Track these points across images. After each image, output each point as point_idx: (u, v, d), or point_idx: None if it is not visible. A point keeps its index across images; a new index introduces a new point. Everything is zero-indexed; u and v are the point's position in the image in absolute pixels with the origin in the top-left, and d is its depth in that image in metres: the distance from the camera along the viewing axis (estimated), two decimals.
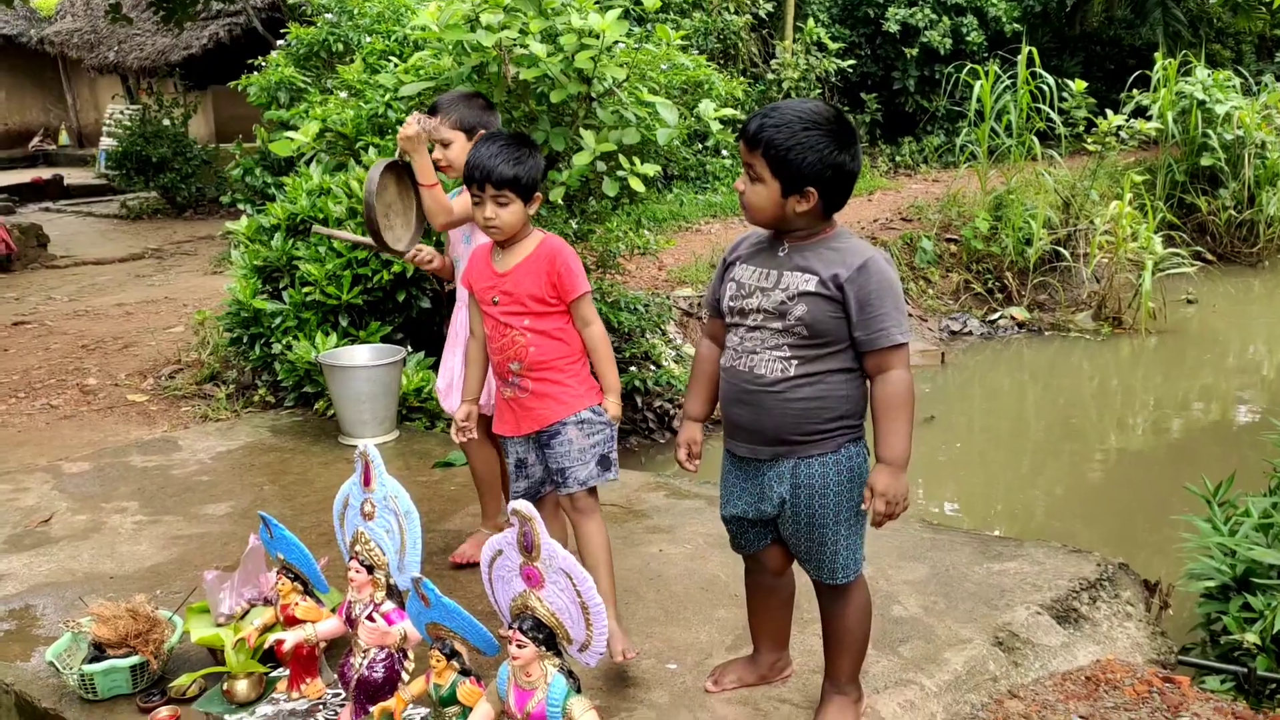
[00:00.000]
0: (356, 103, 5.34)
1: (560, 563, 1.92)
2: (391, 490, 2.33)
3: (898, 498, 2.18)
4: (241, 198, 7.34)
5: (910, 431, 2.20)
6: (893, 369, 2.19)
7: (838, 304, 2.19)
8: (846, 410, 2.25)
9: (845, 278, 2.18)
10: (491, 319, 2.76)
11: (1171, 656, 3.09)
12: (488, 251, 2.80)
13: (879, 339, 2.18)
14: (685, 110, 5.44)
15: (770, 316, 2.24)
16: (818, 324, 2.20)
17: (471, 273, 2.82)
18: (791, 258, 2.25)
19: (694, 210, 10.50)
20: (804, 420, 2.23)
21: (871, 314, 2.17)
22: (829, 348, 2.21)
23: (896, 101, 13.45)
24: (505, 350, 2.74)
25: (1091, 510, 5.26)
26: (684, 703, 2.53)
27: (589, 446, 2.74)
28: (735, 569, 3.13)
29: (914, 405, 2.22)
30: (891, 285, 2.19)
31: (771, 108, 2.22)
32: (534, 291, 2.70)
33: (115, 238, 11.16)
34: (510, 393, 2.78)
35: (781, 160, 2.17)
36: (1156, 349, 8.29)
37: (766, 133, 2.18)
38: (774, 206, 2.22)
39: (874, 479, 2.19)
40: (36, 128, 19.36)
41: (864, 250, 2.22)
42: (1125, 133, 9.48)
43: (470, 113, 3.16)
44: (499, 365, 2.78)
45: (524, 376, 2.73)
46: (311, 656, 2.50)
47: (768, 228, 2.29)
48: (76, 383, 5.79)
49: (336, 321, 4.97)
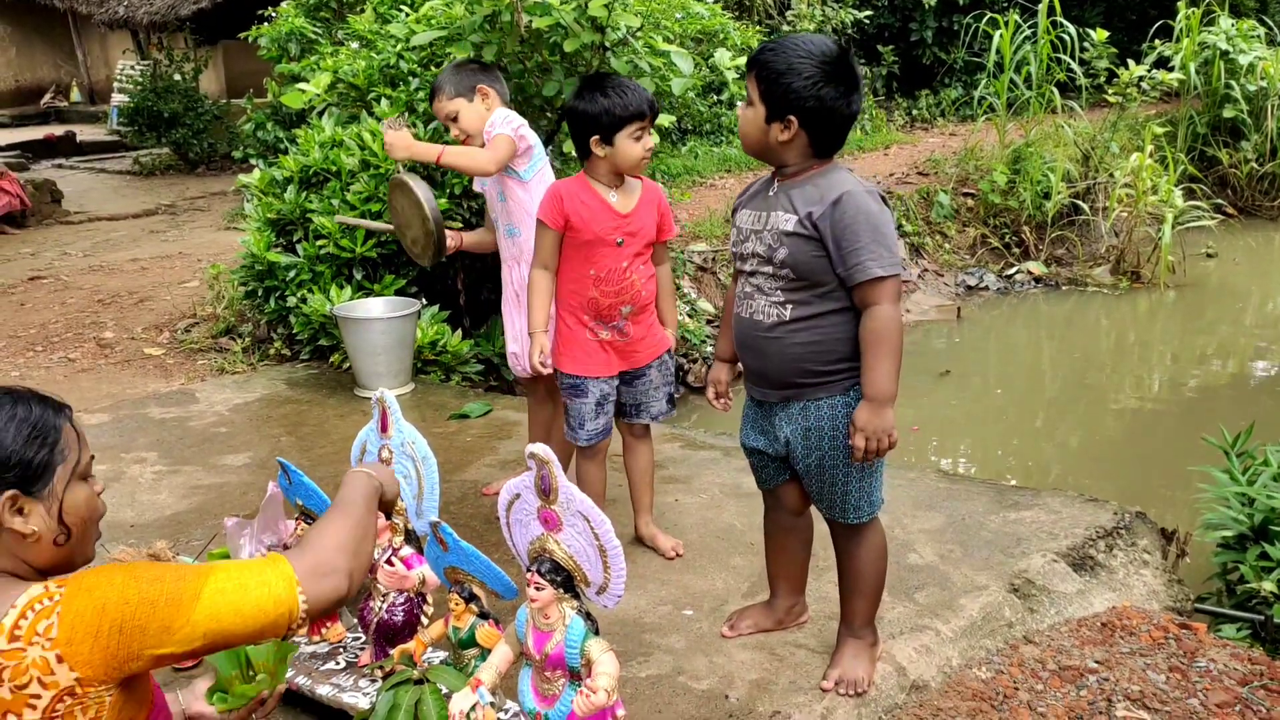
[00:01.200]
0: (368, 53, 5.29)
1: (578, 506, 1.92)
2: (409, 436, 2.34)
3: (879, 433, 2.15)
4: (253, 152, 7.31)
5: (896, 368, 2.16)
6: (876, 303, 2.14)
7: (817, 242, 2.16)
8: (847, 351, 2.22)
9: (819, 214, 2.15)
10: (610, 262, 2.79)
11: (1188, 604, 3.10)
12: (589, 191, 2.81)
13: (855, 273, 2.14)
14: (700, 60, 5.38)
15: (762, 261, 2.25)
16: (800, 265, 2.18)
17: (583, 213, 2.79)
18: (779, 197, 2.24)
19: (708, 165, 10.41)
20: (804, 363, 2.23)
21: (848, 248, 2.13)
22: (818, 288, 2.20)
23: (914, 54, 13.26)
24: (623, 293, 2.80)
25: (1108, 463, 5.24)
26: (700, 648, 2.54)
27: (663, 384, 2.99)
28: (751, 518, 3.14)
29: (900, 342, 2.16)
30: (869, 217, 2.13)
31: (783, 39, 2.21)
32: (651, 232, 2.83)
33: (128, 194, 11.15)
34: (608, 334, 2.85)
35: (769, 83, 2.18)
36: (1175, 303, 8.21)
37: (764, 55, 2.20)
38: (757, 132, 2.22)
39: (856, 414, 2.18)
40: (48, 84, 19.30)
41: (843, 184, 2.17)
42: (1147, 84, 9.32)
43: (462, 78, 3.19)
44: (608, 308, 2.82)
45: (629, 320, 2.83)
46: None
47: (754, 157, 2.31)
48: (93, 336, 5.82)
49: (351, 274, 4.96)
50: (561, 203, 2.81)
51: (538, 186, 3.14)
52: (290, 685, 2.34)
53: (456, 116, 3.15)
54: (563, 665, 1.96)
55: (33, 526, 1.48)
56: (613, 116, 2.74)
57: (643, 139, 2.77)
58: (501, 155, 3.09)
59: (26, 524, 1.47)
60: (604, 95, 2.75)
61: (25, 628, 1.39)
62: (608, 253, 2.79)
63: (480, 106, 3.16)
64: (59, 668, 1.38)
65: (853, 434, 2.18)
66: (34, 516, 1.48)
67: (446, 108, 3.17)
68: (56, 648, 1.38)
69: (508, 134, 3.10)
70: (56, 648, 1.38)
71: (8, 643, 1.38)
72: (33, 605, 1.40)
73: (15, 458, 1.46)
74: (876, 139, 11.40)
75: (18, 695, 1.38)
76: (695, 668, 2.46)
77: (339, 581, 1.58)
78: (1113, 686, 2.45)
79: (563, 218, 2.81)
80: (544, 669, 1.99)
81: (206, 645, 1.49)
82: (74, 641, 1.39)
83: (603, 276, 2.79)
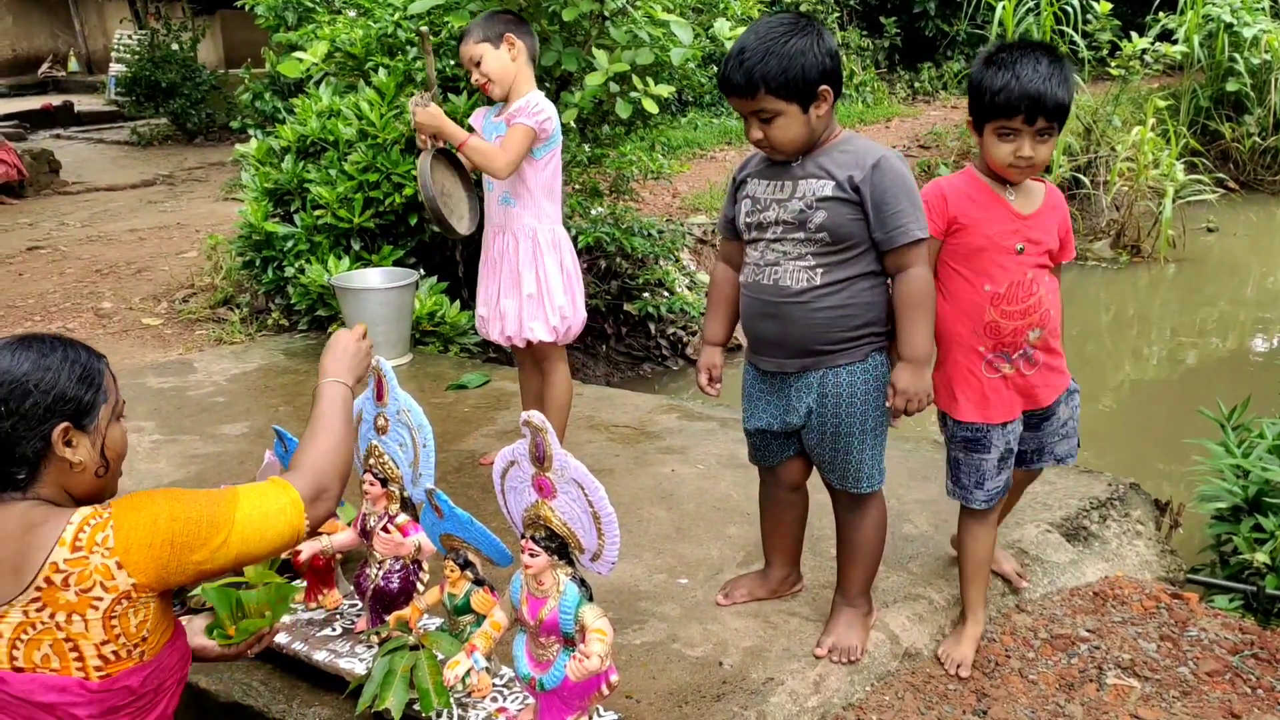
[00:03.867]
0: (365, 22, 5.25)
1: (572, 473, 1.93)
2: (405, 404, 2.34)
3: (919, 394, 2.21)
4: (251, 123, 7.28)
5: (931, 329, 2.23)
6: (912, 266, 2.20)
7: (856, 206, 2.18)
8: (872, 317, 2.25)
9: (860, 178, 2.17)
10: (1009, 273, 2.28)
11: (1181, 575, 3.11)
12: (983, 187, 2.32)
13: (897, 235, 2.17)
14: (700, 30, 5.34)
15: (790, 227, 2.23)
16: (838, 228, 2.19)
17: (973, 213, 2.30)
18: (805, 165, 2.24)
19: (709, 136, 10.37)
20: (831, 329, 2.23)
21: (889, 211, 2.16)
22: (851, 252, 2.21)
23: (916, 25, 13.17)
24: (1029, 313, 2.29)
25: (1104, 436, 5.25)
26: (695, 615, 2.56)
27: (1071, 419, 2.51)
28: (747, 489, 3.15)
29: (934, 303, 2.23)
30: (906, 181, 2.18)
31: (738, 50, 2.17)
32: (1052, 243, 2.35)
33: (126, 164, 11.12)
34: (1010, 368, 2.34)
35: (788, 83, 2.15)
36: (1175, 277, 8.20)
37: (757, 71, 2.14)
38: (802, 127, 2.20)
39: (896, 376, 2.23)
40: (45, 54, 19.17)
41: (875, 149, 2.22)
42: (1150, 57, 9.26)
43: (492, 24, 3.15)
44: (1013, 333, 2.29)
45: (1037, 347, 2.34)
46: (328, 568, 2.54)
47: (800, 154, 2.24)
48: (91, 307, 5.82)
49: (349, 245, 4.96)
50: (945, 203, 2.31)
51: (545, 166, 3.17)
52: (286, 651, 2.36)
53: (480, 61, 3.12)
54: (557, 631, 1.97)
55: (80, 457, 1.65)
56: (981, 100, 2.24)
57: (1017, 143, 2.23)
58: (516, 157, 3.07)
59: (75, 454, 1.64)
60: (991, 66, 2.22)
61: (85, 539, 1.56)
62: (1005, 261, 2.28)
63: (505, 55, 3.13)
64: (119, 573, 1.57)
65: (892, 396, 2.23)
66: (81, 448, 1.65)
67: (472, 51, 3.12)
68: (115, 555, 1.56)
69: (531, 126, 3.07)
70: (115, 555, 1.56)
71: (71, 552, 1.55)
72: (88, 521, 1.58)
73: (69, 394, 1.63)
74: (878, 111, 11.35)
75: (83, 598, 1.55)
76: (690, 635, 2.48)
77: (331, 505, 1.85)
78: (1104, 655, 2.47)
79: (946, 221, 2.31)
80: (538, 635, 2.01)
81: (236, 563, 1.70)
82: (130, 550, 1.57)
83: (1005, 294, 2.28)
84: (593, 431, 3.81)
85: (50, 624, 1.55)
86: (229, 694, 2.37)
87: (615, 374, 6.26)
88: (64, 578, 1.54)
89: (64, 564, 1.54)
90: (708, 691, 2.27)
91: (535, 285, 3.21)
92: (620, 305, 6.36)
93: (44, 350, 1.65)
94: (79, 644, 1.56)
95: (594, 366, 6.19)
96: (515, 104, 3.15)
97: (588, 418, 3.93)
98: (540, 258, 3.22)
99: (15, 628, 1.55)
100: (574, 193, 6.05)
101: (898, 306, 2.22)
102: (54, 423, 1.61)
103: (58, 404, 1.62)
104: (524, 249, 3.21)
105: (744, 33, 2.22)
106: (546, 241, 3.22)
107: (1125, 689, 2.36)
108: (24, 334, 1.69)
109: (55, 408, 1.61)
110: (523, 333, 3.25)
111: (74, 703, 1.57)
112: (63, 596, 1.54)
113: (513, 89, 3.17)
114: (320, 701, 2.29)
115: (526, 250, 3.21)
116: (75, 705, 1.57)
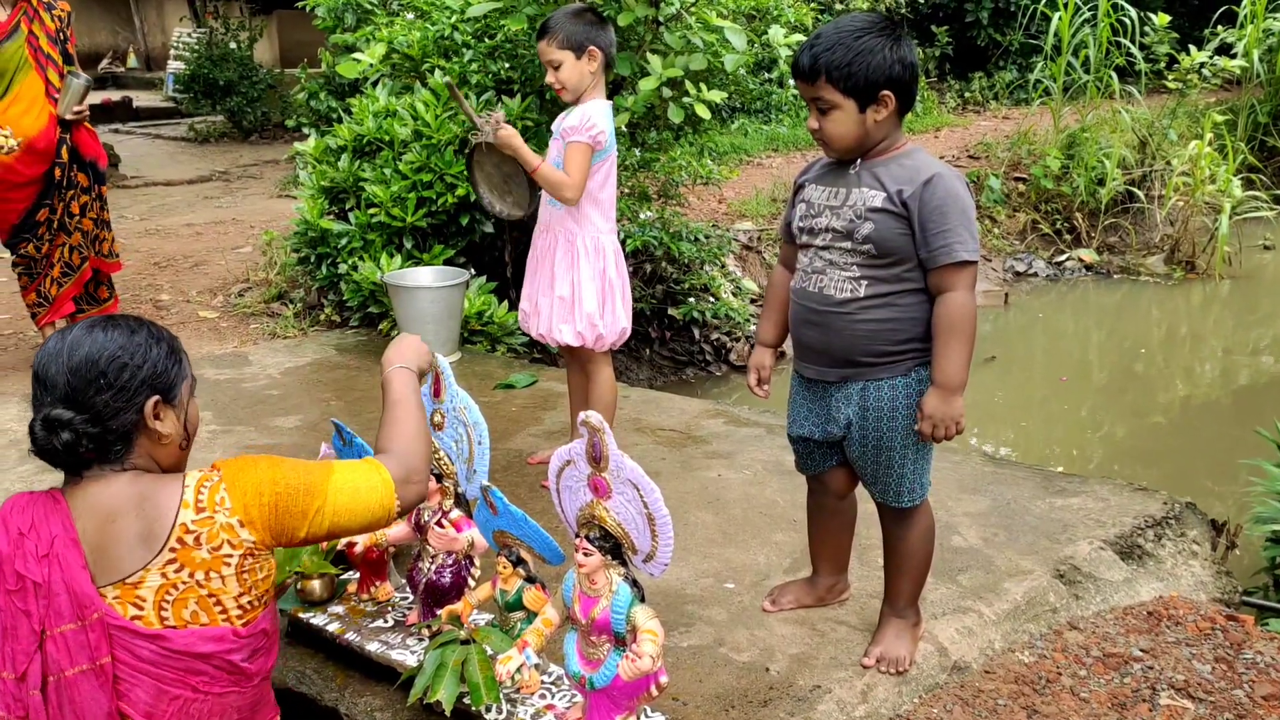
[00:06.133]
0: (423, 24, 5.31)
1: (628, 474, 1.94)
2: (461, 401, 2.37)
3: (946, 421, 2.17)
4: (306, 121, 7.39)
5: (968, 357, 2.16)
6: (954, 289, 2.15)
7: (904, 220, 2.15)
8: (916, 333, 2.22)
9: (910, 193, 2.14)
10: None
11: (1236, 597, 3.06)
12: None
13: (941, 254, 2.13)
14: (754, 36, 5.34)
15: (839, 236, 2.22)
16: (885, 241, 2.16)
17: None
18: (861, 175, 2.22)
19: (756, 143, 10.36)
20: (873, 341, 2.21)
21: (935, 229, 2.13)
22: (898, 267, 2.18)
23: (968, 35, 13.05)
24: None
25: (1156, 454, 5.18)
26: (742, 620, 2.56)
27: None
28: (794, 495, 3.15)
29: (974, 331, 2.17)
30: (958, 200, 2.14)
31: (814, 37, 2.17)
32: None
33: (183, 160, 11.32)
34: None
35: (849, 76, 2.13)
36: (1230, 295, 8.06)
37: (822, 58, 2.13)
38: (855, 126, 2.17)
39: (925, 400, 2.19)
40: (105, 50, 19.58)
41: (933, 166, 2.18)
42: (1208, 70, 9.12)
43: (577, 29, 3.13)
44: None
45: None
46: (381, 560, 2.57)
47: (851, 154, 2.23)
48: (150, 299, 5.93)
49: (401, 243, 5.02)
50: None
51: (594, 174, 3.18)
52: (340, 641, 2.40)
53: (560, 66, 3.13)
54: (608, 630, 1.99)
55: (168, 429, 1.71)
56: None
57: None
58: (582, 179, 3.11)
59: (163, 426, 1.70)
60: None
61: (205, 500, 1.64)
62: None
63: (586, 66, 3.14)
64: (242, 531, 1.65)
65: (920, 420, 2.19)
66: (168, 421, 1.72)
67: (554, 55, 3.12)
68: (236, 515, 1.65)
69: (586, 143, 3.10)
70: (236, 515, 1.65)
71: (196, 513, 1.62)
72: (203, 484, 1.65)
73: (160, 369, 1.71)
74: (927, 121, 11.26)
75: (215, 556, 1.63)
76: (736, 640, 2.48)
77: (420, 489, 1.91)
78: (1157, 675, 2.44)
79: None
80: (589, 634, 2.02)
81: (331, 534, 1.78)
82: (248, 509, 1.66)
83: None
84: (639, 434, 3.82)
85: (191, 582, 1.62)
86: (282, 680, 2.41)
87: (658, 378, 6.28)
88: (194, 537, 1.62)
89: (192, 524, 1.62)
90: (754, 697, 2.27)
91: (568, 289, 3.24)
92: (665, 309, 6.38)
93: (131, 327, 1.72)
94: (220, 598, 1.65)
95: (637, 370, 6.21)
96: (573, 114, 3.17)
97: (634, 420, 3.95)
98: (576, 262, 3.24)
99: (157, 591, 1.61)
100: (623, 196, 6.07)
101: (934, 329, 2.18)
102: (146, 395, 1.68)
103: (149, 378, 1.68)
104: (562, 251, 3.24)
105: (835, 19, 2.22)
106: (585, 248, 3.23)
107: (1179, 710, 2.32)
108: (102, 315, 1.74)
109: (148, 381, 1.68)
110: (551, 333, 3.29)
111: (230, 649, 1.67)
112: (197, 555, 1.62)
113: (583, 95, 3.19)
114: (371, 692, 2.33)
115: (565, 253, 3.24)
116: (231, 651, 1.68)
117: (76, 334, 1.68)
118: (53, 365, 1.65)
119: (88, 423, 1.63)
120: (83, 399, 1.63)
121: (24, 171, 4.38)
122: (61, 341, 1.68)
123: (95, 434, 1.64)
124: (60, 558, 1.60)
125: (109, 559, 1.61)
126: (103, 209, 4.73)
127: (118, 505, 1.63)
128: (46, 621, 1.59)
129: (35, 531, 1.62)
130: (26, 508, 1.66)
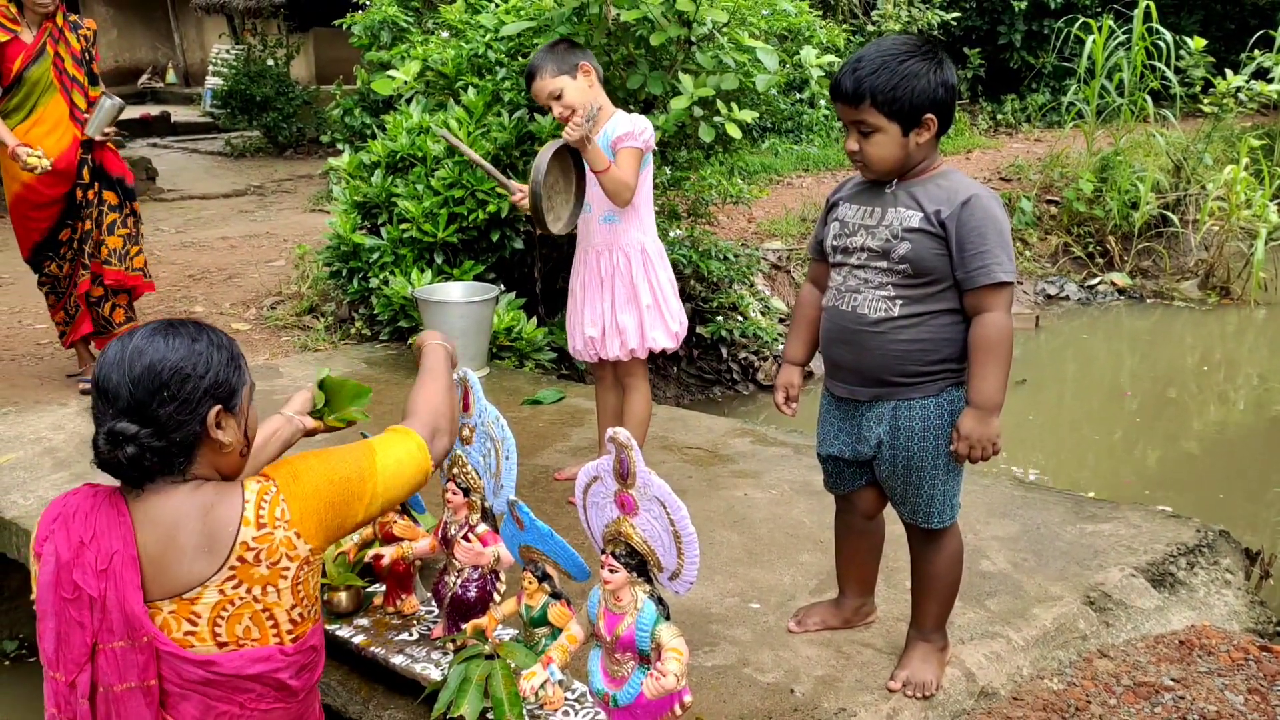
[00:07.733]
0: (457, 43, 5.37)
1: (655, 491, 1.94)
2: (490, 416, 2.38)
3: (983, 442, 2.16)
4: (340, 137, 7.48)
5: (1004, 378, 2.16)
6: (991, 310, 2.14)
7: (941, 240, 2.15)
8: (950, 353, 2.21)
9: (947, 214, 2.14)
10: None
11: (1270, 627, 3.01)
12: None
13: (978, 275, 2.13)
14: (785, 57, 5.36)
15: (874, 255, 2.22)
16: (921, 261, 2.16)
17: None
18: (898, 195, 2.22)
19: (787, 163, 10.36)
20: (906, 361, 2.21)
21: (972, 250, 2.13)
22: (933, 287, 2.18)
23: (1001, 57, 13.01)
24: None
25: (1189, 481, 5.10)
26: (766, 641, 2.55)
27: None
28: (821, 516, 3.13)
29: (1010, 352, 2.17)
30: (996, 222, 2.13)
31: (855, 59, 2.18)
32: None
33: (219, 174, 11.49)
34: None
35: (894, 100, 2.13)
36: (1265, 321, 7.95)
37: (866, 82, 2.14)
38: (898, 149, 2.18)
39: (961, 421, 2.18)
40: (145, 65, 19.92)
41: (970, 187, 2.18)
42: (1244, 94, 9.01)
43: (561, 57, 3.21)
44: None
45: None
46: (407, 573, 2.59)
47: (890, 176, 2.23)
48: (184, 310, 6.02)
49: (432, 259, 5.06)
50: None
51: (645, 180, 3.23)
52: (365, 653, 2.41)
53: (560, 94, 3.17)
54: (633, 648, 1.99)
55: (229, 438, 1.69)
56: None
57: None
58: (636, 183, 3.16)
59: (225, 435, 1.68)
60: None
61: (266, 515, 1.63)
62: None
63: (584, 83, 3.19)
64: (299, 543, 1.66)
65: (956, 440, 2.18)
66: (229, 430, 1.69)
67: (549, 86, 3.17)
68: (294, 527, 1.65)
69: (639, 148, 3.14)
70: (294, 527, 1.65)
71: (257, 529, 1.62)
72: (262, 496, 1.65)
73: (222, 377, 1.68)
74: (958, 142, 11.23)
75: (274, 570, 1.64)
76: (761, 660, 2.47)
77: (447, 441, 2.00)
78: (1189, 705, 2.40)
79: None
80: (614, 651, 2.02)
81: (382, 510, 1.83)
82: (304, 519, 1.67)
83: None
84: (666, 452, 3.82)
85: (248, 599, 1.62)
86: None
87: (685, 396, 6.27)
88: (255, 554, 1.61)
89: (253, 541, 1.61)
90: (779, 718, 2.25)
91: (651, 296, 3.30)
92: (693, 328, 6.38)
93: (192, 335, 1.67)
94: (274, 612, 1.65)
95: (664, 388, 6.21)
96: (611, 125, 3.20)
97: (660, 438, 3.94)
98: (652, 268, 3.31)
99: (213, 607, 1.60)
100: None
101: (971, 350, 2.17)
102: (209, 405, 1.64)
103: (211, 387, 1.65)
104: (635, 263, 3.29)
105: (868, 44, 2.23)
106: (654, 253, 3.32)
107: None
108: (163, 320, 1.70)
109: (210, 390, 1.65)
110: (645, 344, 3.30)
111: (278, 669, 1.67)
112: (256, 572, 1.61)
113: (599, 111, 3.22)
114: (394, 704, 2.34)
115: (638, 263, 3.29)
116: (279, 670, 1.67)
117: (138, 342, 1.63)
118: (114, 375, 1.61)
119: (152, 436, 1.60)
120: (146, 412, 1.60)
121: (45, 192, 4.43)
122: (123, 350, 1.63)
123: (159, 447, 1.60)
124: (118, 575, 1.57)
125: (168, 573, 1.59)
126: (138, 224, 4.77)
127: (179, 518, 1.61)
128: (100, 635, 1.58)
129: (96, 543, 1.59)
130: (90, 514, 1.62)
